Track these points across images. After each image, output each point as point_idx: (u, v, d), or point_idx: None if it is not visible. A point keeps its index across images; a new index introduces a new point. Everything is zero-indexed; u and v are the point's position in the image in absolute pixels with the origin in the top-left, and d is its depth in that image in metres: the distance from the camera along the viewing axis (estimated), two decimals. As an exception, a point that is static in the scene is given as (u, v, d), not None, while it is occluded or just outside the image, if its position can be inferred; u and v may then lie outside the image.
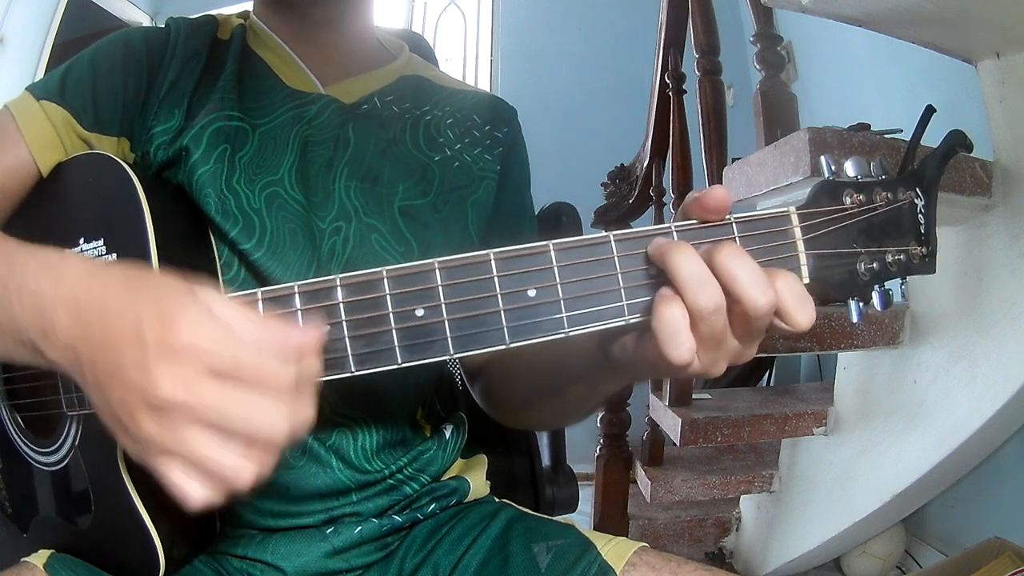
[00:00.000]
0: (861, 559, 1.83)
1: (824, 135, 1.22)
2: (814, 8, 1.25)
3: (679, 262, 0.41)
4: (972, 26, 1.24)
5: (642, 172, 2.18)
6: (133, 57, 0.66)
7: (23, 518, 0.66)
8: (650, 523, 1.98)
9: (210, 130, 0.64)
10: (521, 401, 0.69)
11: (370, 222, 0.66)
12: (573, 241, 0.43)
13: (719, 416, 1.65)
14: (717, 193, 0.43)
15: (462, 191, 0.71)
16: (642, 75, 2.38)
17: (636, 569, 0.60)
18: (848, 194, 0.45)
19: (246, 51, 0.71)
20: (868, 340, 1.54)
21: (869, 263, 0.45)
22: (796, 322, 0.42)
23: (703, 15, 1.80)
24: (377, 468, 0.65)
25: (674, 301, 0.41)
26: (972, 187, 1.30)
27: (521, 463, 0.92)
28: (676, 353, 0.41)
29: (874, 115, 1.61)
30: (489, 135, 0.75)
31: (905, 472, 1.51)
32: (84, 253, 0.57)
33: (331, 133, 0.68)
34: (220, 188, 0.62)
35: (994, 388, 1.32)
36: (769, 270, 0.41)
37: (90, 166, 0.61)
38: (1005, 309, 1.30)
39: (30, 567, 0.57)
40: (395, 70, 0.76)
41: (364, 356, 0.43)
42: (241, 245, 0.61)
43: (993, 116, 1.35)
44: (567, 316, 0.43)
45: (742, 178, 1.44)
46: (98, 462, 0.57)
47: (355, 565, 0.65)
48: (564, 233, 0.86)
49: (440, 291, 0.43)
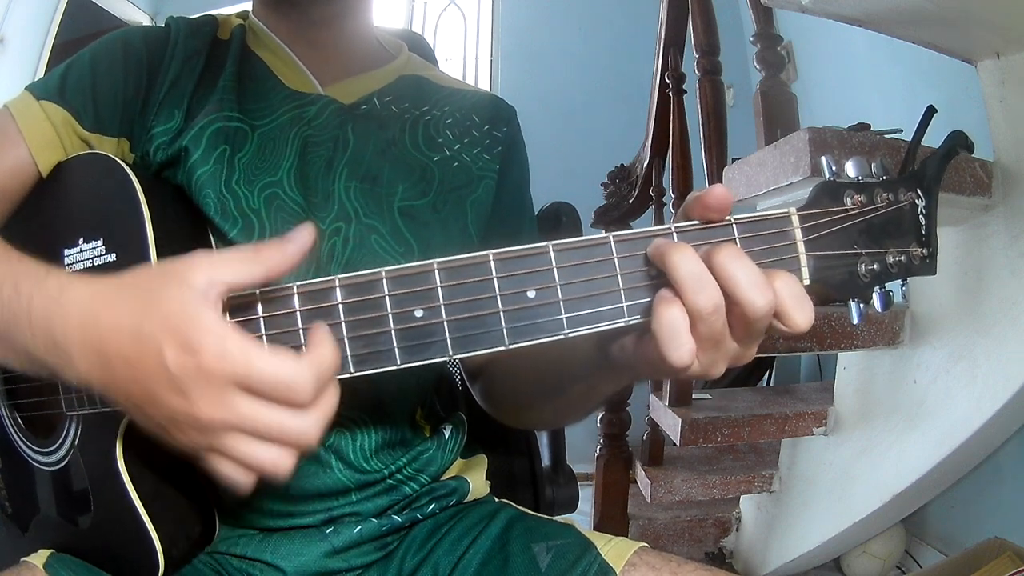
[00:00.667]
0: (861, 559, 1.83)
1: (824, 135, 1.22)
2: (814, 8, 1.25)
3: (678, 262, 0.41)
4: (972, 26, 1.24)
5: (642, 172, 2.18)
6: (133, 57, 0.66)
7: (23, 518, 0.66)
8: (650, 523, 1.98)
9: (209, 131, 0.64)
10: (522, 401, 0.69)
11: (370, 223, 0.66)
12: (573, 242, 0.43)
13: (719, 416, 1.65)
14: (718, 192, 0.43)
15: (461, 191, 0.71)
16: (642, 75, 2.38)
17: (636, 569, 0.60)
18: (849, 195, 0.45)
19: (246, 51, 0.71)
20: (868, 340, 1.54)
21: (870, 264, 0.45)
22: (795, 323, 0.41)
23: (703, 15, 1.80)
24: (376, 468, 0.65)
25: (674, 302, 0.41)
26: (972, 187, 1.30)
27: (521, 463, 0.92)
28: (676, 355, 0.41)
29: (874, 115, 1.61)
30: (488, 135, 0.75)
31: (905, 472, 1.51)
32: (83, 253, 0.57)
33: (330, 134, 0.68)
34: (219, 189, 0.62)
35: (994, 388, 1.32)
36: (767, 271, 0.41)
37: (90, 166, 0.61)
38: (1005, 309, 1.30)
39: (30, 567, 0.57)
40: (394, 70, 0.76)
41: (363, 357, 0.43)
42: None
43: (993, 116, 1.35)
44: (567, 317, 0.43)
45: (742, 178, 1.44)
46: (98, 462, 0.57)
47: (355, 565, 0.65)
48: (564, 233, 0.86)
49: (439, 292, 0.43)
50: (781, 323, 0.42)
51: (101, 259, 0.56)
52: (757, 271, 0.41)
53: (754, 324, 0.41)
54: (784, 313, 0.41)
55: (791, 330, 0.42)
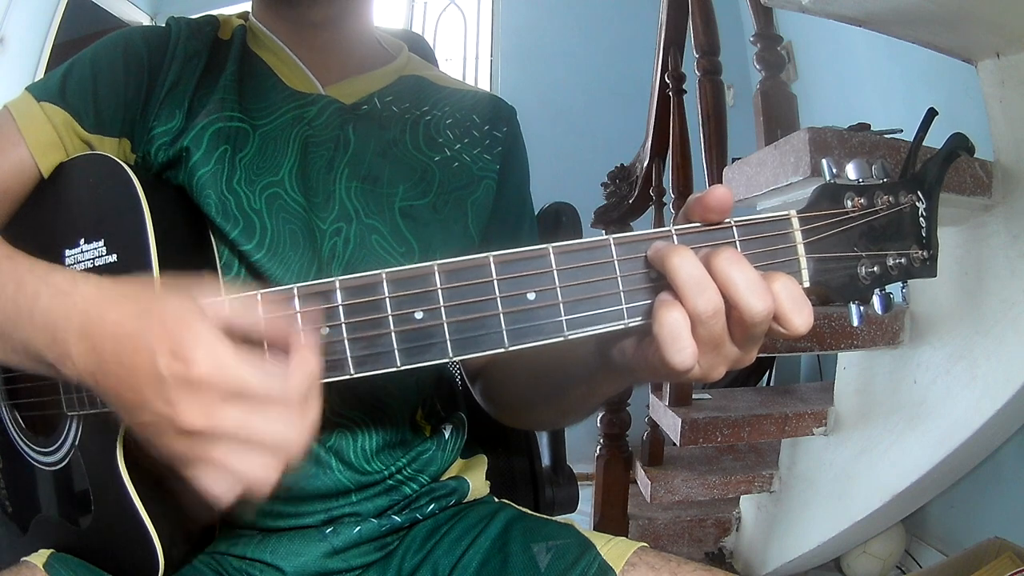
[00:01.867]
0: (861, 559, 1.83)
1: (824, 135, 1.22)
2: (814, 8, 1.25)
3: (678, 265, 0.41)
4: (972, 26, 1.24)
5: (642, 172, 2.18)
6: (134, 57, 0.66)
7: (23, 518, 0.66)
8: (650, 523, 1.98)
9: (211, 131, 0.63)
10: (522, 402, 0.69)
11: (370, 223, 0.66)
12: (572, 244, 0.43)
13: (719, 416, 1.65)
14: (718, 192, 0.43)
15: (462, 191, 0.71)
16: (642, 75, 2.38)
17: (635, 569, 0.60)
18: (849, 197, 0.45)
19: (246, 52, 0.71)
20: (868, 340, 1.54)
21: (870, 267, 0.45)
22: (793, 326, 0.41)
23: (703, 15, 1.80)
24: (377, 469, 0.66)
25: (675, 305, 0.41)
26: (972, 187, 1.30)
27: (521, 463, 0.92)
28: (679, 358, 0.41)
29: (874, 115, 1.61)
30: (488, 135, 0.75)
31: (905, 472, 1.51)
32: (84, 254, 0.57)
33: (331, 134, 0.68)
34: (221, 189, 0.62)
35: (994, 388, 1.32)
36: (766, 273, 0.41)
37: (91, 167, 0.61)
38: (1005, 309, 1.30)
39: (30, 567, 0.57)
40: (394, 70, 0.76)
41: (363, 358, 0.43)
42: (242, 246, 0.61)
43: (993, 116, 1.35)
44: (566, 319, 0.43)
45: (742, 178, 1.44)
46: (98, 462, 0.57)
47: (354, 565, 0.65)
48: (564, 233, 0.86)
49: (439, 294, 0.43)
50: (780, 326, 0.42)
51: (102, 259, 0.56)
52: (756, 275, 0.41)
53: (753, 328, 0.41)
54: (783, 316, 0.41)
55: (790, 333, 0.42)
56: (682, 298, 0.41)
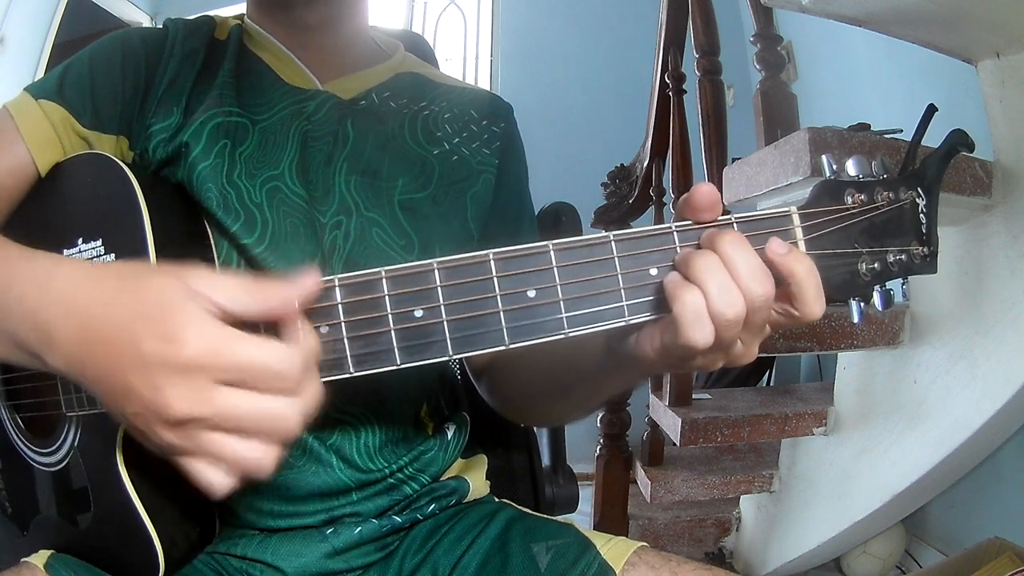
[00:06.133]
0: (861, 559, 1.83)
1: (824, 135, 1.22)
2: (814, 8, 1.25)
3: (692, 259, 0.41)
4: (972, 26, 1.24)
5: (642, 172, 2.18)
6: (131, 56, 0.66)
7: (23, 518, 0.66)
8: (650, 523, 1.98)
9: (209, 126, 0.64)
10: (527, 399, 0.69)
11: (371, 216, 0.66)
12: (573, 241, 0.43)
13: (719, 416, 1.65)
14: (702, 190, 0.44)
15: (461, 184, 0.71)
16: (642, 75, 2.38)
17: (635, 568, 0.60)
18: (850, 194, 0.45)
19: (243, 50, 0.71)
20: (868, 340, 1.54)
21: (870, 263, 0.45)
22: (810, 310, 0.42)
23: (703, 15, 1.80)
24: (378, 467, 0.65)
25: (692, 286, 0.41)
26: (972, 187, 1.30)
27: (521, 463, 0.92)
28: (701, 335, 0.41)
29: (874, 115, 1.61)
30: (487, 130, 0.75)
31: (905, 472, 1.51)
32: (82, 253, 0.57)
33: (330, 128, 0.68)
34: (221, 183, 0.62)
35: (994, 388, 1.32)
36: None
37: (88, 166, 0.61)
38: (1005, 309, 1.30)
39: (30, 567, 0.57)
40: (391, 67, 0.76)
41: (363, 357, 0.43)
42: (243, 240, 0.61)
43: (993, 116, 1.35)
44: (567, 317, 0.43)
45: (742, 178, 1.44)
46: (97, 462, 0.57)
47: (355, 565, 0.65)
48: (564, 233, 0.86)
49: (439, 292, 0.43)
50: (794, 308, 0.43)
51: (100, 259, 0.56)
52: (758, 261, 0.42)
53: (752, 315, 0.42)
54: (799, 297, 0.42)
55: (803, 317, 0.42)
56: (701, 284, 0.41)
